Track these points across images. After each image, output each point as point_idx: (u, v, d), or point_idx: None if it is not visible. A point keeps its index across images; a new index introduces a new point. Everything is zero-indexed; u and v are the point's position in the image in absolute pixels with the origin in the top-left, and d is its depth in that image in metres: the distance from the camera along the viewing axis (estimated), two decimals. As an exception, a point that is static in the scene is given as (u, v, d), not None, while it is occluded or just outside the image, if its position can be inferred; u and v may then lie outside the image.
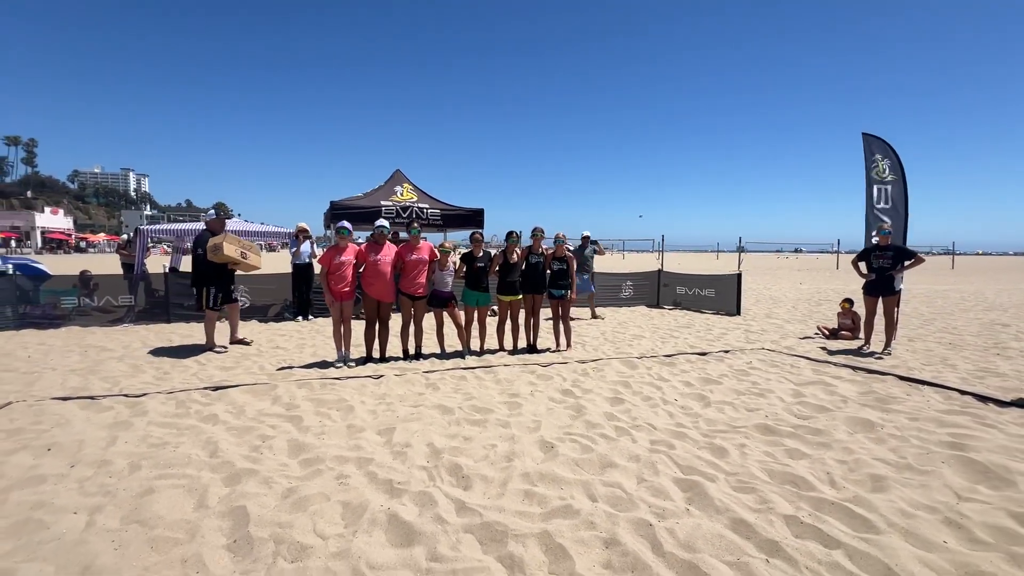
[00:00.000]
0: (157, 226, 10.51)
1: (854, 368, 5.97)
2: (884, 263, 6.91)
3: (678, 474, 3.24)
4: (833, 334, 8.28)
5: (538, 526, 2.63)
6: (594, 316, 10.54)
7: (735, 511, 2.75)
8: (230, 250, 6.59)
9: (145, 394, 4.78)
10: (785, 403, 4.65)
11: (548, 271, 6.97)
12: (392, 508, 2.79)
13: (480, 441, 3.75)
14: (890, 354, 6.79)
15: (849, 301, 8.48)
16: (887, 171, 8.46)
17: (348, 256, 5.92)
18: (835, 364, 6.20)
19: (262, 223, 12.05)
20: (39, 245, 59.12)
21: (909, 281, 21.65)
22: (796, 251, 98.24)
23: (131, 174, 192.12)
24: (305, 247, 9.89)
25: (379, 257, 5.98)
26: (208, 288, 6.64)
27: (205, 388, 4.97)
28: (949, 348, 7.33)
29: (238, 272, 7.17)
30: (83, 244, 67.13)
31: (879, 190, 8.46)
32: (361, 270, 6.09)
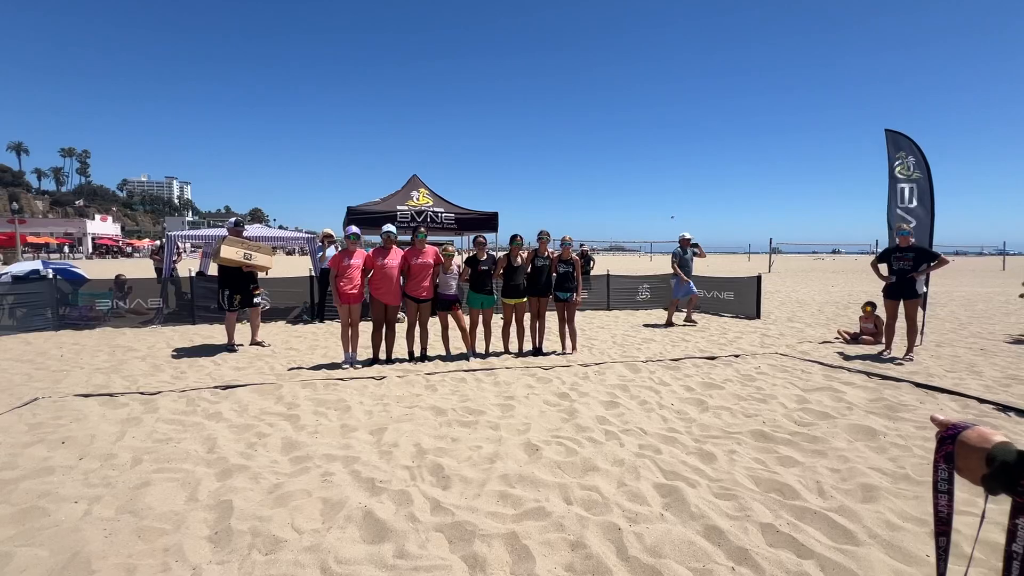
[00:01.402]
0: (185, 232, 11.01)
1: (869, 374, 5.75)
2: (905, 265, 6.63)
3: (660, 479, 3.21)
4: (854, 339, 7.97)
5: (507, 527, 2.65)
6: (689, 320, 10.04)
7: (710, 518, 2.71)
8: (228, 252, 6.88)
9: (159, 392, 5.03)
10: (787, 409, 4.52)
11: (554, 274, 6.99)
12: (369, 506, 2.87)
13: (467, 442, 3.79)
14: (911, 360, 6.49)
15: (872, 305, 8.16)
16: (912, 168, 8.09)
17: (356, 260, 6.09)
18: (849, 370, 5.98)
19: (281, 227, 12.49)
20: (90, 251, 62.57)
21: (950, 284, 20.57)
22: (834, 252, 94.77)
23: (175, 182, 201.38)
24: (330, 252, 10.17)
25: (386, 261, 6.12)
26: (223, 290, 6.99)
27: (215, 387, 5.19)
28: (979, 354, 6.95)
29: (261, 275, 7.50)
30: (129, 249, 70.72)
31: (903, 188, 8.10)
32: (369, 275, 6.25)
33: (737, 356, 6.78)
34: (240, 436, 3.92)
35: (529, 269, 6.87)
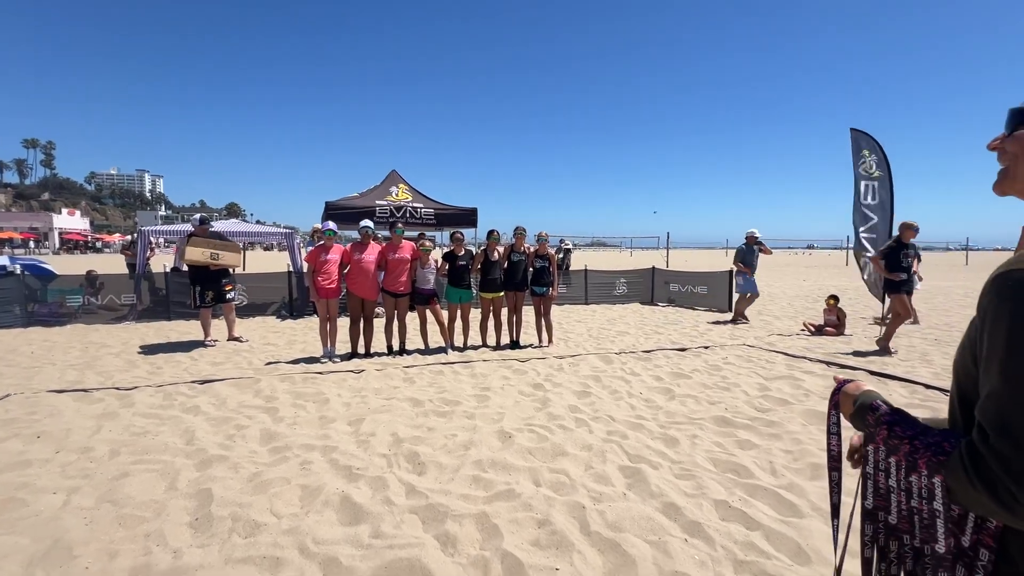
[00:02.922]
0: (158, 227, 10.84)
1: (828, 363, 6.05)
2: (908, 261, 6.76)
3: (625, 462, 3.39)
4: (819, 330, 8.33)
5: (479, 508, 2.80)
6: (741, 318, 9.48)
7: (669, 496, 2.90)
8: (194, 254, 6.92)
9: (135, 387, 5.04)
10: (748, 396, 4.77)
11: (531, 269, 7.14)
12: (346, 491, 2.98)
13: (442, 431, 3.93)
14: (894, 351, 6.76)
15: (835, 298, 8.52)
16: (874, 167, 8.46)
17: (334, 255, 6.14)
18: (810, 359, 6.28)
19: (259, 222, 12.38)
20: (56, 246, 60.52)
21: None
22: (809, 247, 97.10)
23: (146, 175, 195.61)
24: None
25: (363, 256, 6.19)
26: (194, 287, 7.01)
27: (192, 382, 5.22)
28: (933, 344, 7.35)
29: (238, 270, 7.52)
30: (99, 244, 68.61)
31: (866, 186, 8.47)
32: (346, 270, 6.31)
33: (707, 347, 7.04)
34: (219, 428, 3.98)
35: (506, 264, 7.01)
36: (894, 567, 0.93)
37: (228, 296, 7.37)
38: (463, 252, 6.85)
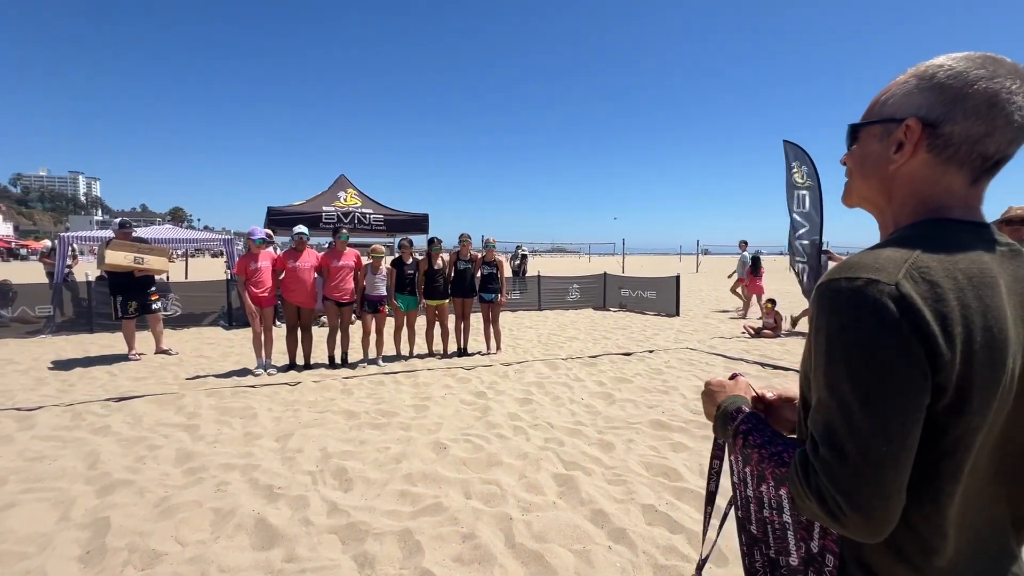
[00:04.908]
0: (80, 233, 10.08)
1: (763, 365, 6.29)
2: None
3: (559, 470, 3.37)
4: (758, 333, 8.67)
5: (402, 524, 2.70)
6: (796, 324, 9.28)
7: (598, 503, 2.89)
8: (115, 257, 6.40)
9: (40, 407, 4.61)
10: (685, 399, 4.87)
11: (478, 275, 7.09)
12: (263, 513, 2.81)
13: (375, 444, 3.79)
14: None
15: (772, 302, 8.91)
16: (806, 176, 8.92)
17: (264, 263, 5.86)
18: (747, 361, 6.50)
19: (207, 227, 11.76)
20: (-26, 253, 55.48)
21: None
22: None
23: (80, 177, 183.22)
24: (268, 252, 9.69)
25: (298, 264, 5.95)
26: (115, 297, 6.52)
27: (107, 399, 4.83)
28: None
29: (175, 279, 7.05)
30: (24, 252, 63.45)
31: (797, 195, 8.92)
32: (281, 277, 6.05)
33: (651, 352, 7.17)
34: (129, 450, 3.69)
35: (452, 272, 6.93)
36: None
37: (154, 306, 6.91)
38: (411, 260, 6.72)
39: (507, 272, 7.33)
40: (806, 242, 8.96)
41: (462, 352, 7.03)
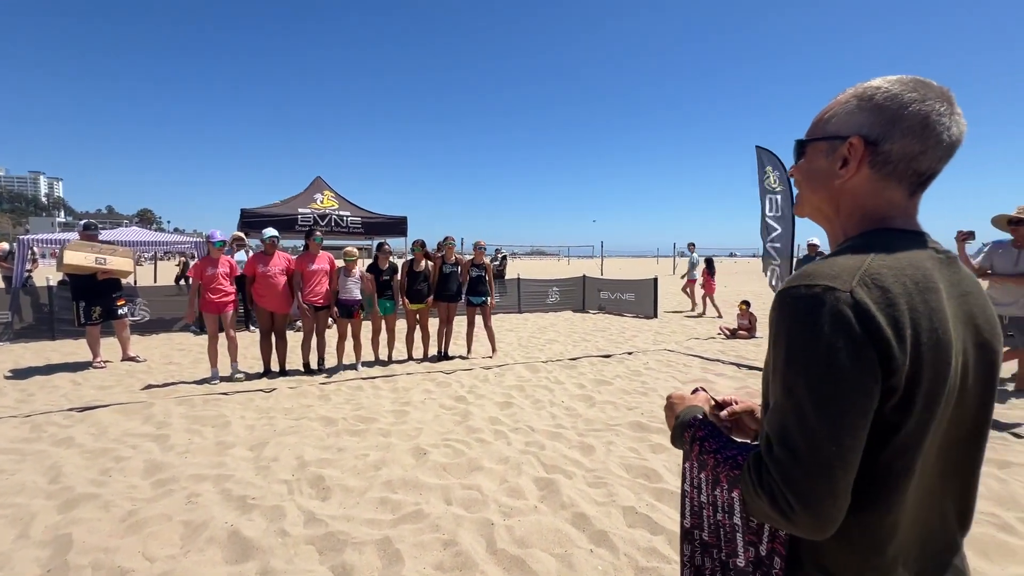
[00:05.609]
0: (40, 236, 9.67)
1: (739, 366, 6.41)
2: None
3: (540, 473, 3.36)
4: (733, 334, 8.84)
5: (382, 533, 2.65)
6: None
7: (579, 506, 2.89)
8: (75, 258, 6.11)
9: (-3, 419, 4.39)
10: (664, 401, 4.92)
11: (465, 279, 7.08)
12: (236, 525, 2.72)
13: (353, 451, 3.72)
14: None
15: (746, 303, 9.10)
16: (777, 182, 9.16)
17: (222, 268, 5.68)
18: (723, 362, 6.63)
19: (177, 229, 11.41)
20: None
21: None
22: (731, 255, 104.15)
23: (41, 178, 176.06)
24: (240, 256, 9.41)
25: (268, 268, 5.80)
26: (78, 302, 6.24)
27: (70, 409, 4.63)
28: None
29: (142, 283, 6.78)
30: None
31: (770, 200, 9.16)
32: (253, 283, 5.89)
33: (630, 353, 7.25)
34: (93, 462, 3.54)
35: (436, 276, 6.91)
36: None
37: (120, 312, 6.66)
38: (387, 265, 6.64)
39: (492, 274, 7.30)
40: (779, 245, 9.18)
41: (443, 356, 6.98)
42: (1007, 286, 4.39)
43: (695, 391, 1.09)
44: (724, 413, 1.10)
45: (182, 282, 16.22)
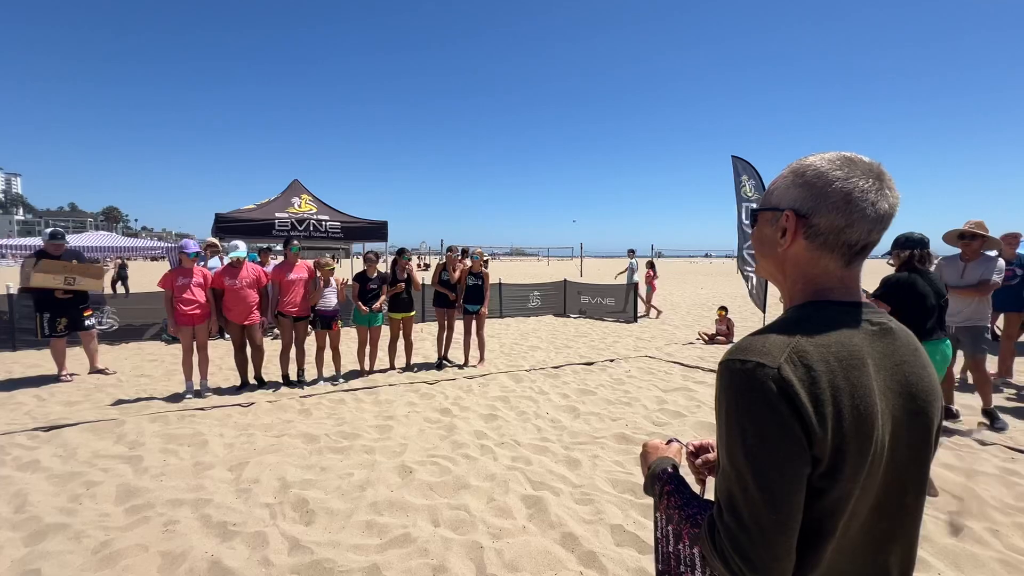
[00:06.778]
0: (5, 240, 9.22)
1: (718, 372, 6.53)
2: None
3: (528, 491, 3.36)
4: (711, 339, 9.01)
5: (370, 559, 2.61)
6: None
7: (568, 525, 2.90)
8: (43, 280, 5.89)
9: (-46, 441, 4.17)
10: (648, 411, 4.98)
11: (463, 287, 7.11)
12: (217, 554, 2.65)
13: (337, 471, 3.66)
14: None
15: (724, 309, 9.29)
16: (752, 191, 9.38)
17: (196, 278, 5.50)
18: (703, 369, 6.75)
19: (144, 228, 11.03)
20: None
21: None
22: (706, 256, 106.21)
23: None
24: (214, 262, 9.13)
25: (236, 281, 5.64)
26: (41, 314, 5.98)
27: (35, 429, 4.43)
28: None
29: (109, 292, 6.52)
30: (-69, 255, 57.47)
31: (746, 208, 9.37)
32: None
33: (612, 360, 7.31)
34: (62, 488, 3.39)
35: (436, 283, 7.01)
36: None
37: (87, 323, 6.40)
38: (375, 275, 6.55)
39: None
40: (754, 251, 9.41)
41: (442, 360, 7.03)
42: (954, 297, 4.59)
43: (669, 442, 1.15)
44: (699, 461, 1.18)
45: (118, 285, 15.61)
